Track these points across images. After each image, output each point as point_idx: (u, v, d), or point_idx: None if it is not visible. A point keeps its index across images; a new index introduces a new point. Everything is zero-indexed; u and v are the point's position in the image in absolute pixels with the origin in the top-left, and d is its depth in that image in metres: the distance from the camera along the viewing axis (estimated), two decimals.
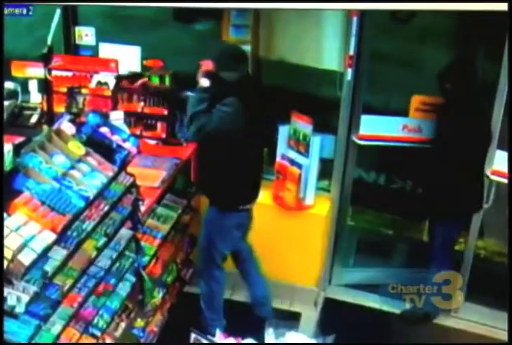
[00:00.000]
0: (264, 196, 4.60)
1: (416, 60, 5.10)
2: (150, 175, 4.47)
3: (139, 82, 4.35)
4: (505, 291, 3.92)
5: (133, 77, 4.75)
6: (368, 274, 5.15)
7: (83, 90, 4.86)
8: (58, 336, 3.31)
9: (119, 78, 4.77)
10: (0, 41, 3.35)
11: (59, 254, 3.24)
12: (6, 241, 2.96)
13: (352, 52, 4.45)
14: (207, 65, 3.95)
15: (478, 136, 4.43)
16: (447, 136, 4.49)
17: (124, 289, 3.96)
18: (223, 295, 4.53)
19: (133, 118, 4.92)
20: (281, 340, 3.25)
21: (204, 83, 3.96)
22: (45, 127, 4.05)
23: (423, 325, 4.80)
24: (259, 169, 4.34)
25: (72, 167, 3.51)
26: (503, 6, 3.40)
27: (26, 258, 2.99)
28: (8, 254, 2.93)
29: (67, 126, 3.69)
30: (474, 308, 4.87)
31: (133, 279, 4.06)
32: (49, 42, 3.81)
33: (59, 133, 3.61)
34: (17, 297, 2.98)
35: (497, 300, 4.68)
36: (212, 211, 4.27)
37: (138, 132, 4.88)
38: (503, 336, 4.15)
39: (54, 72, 4.27)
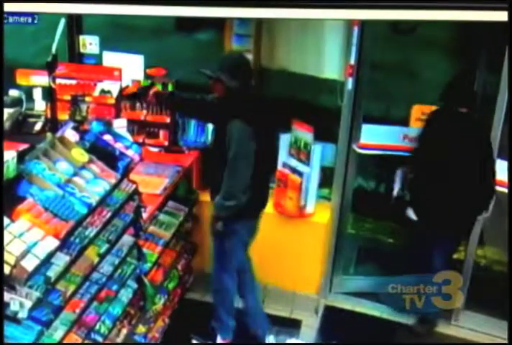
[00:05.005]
0: None
1: (417, 70, 5.13)
2: (152, 182, 4.50)
3: (151, 92, 4.37)
4: (505, 299, 3.93)
5: (143, 89, 4.61)
6: (368, 282, 5.15)
7: (87, 98, 4.90)
8: (60, 342, 3.33)
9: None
10: (0, 43, 3.38)
11: (62, 260, 3.26)
12: (9, 247, 2.99)
13: (352, 61, 4.48)
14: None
15: (473, 146, 4.44)
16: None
17: (125, 295, 3.99)
18: (235, 292, 4.42)
19: (136, 126, 4.96)
20: None
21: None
22: (49, 134, 4.07)
23: (424, 332, 4.81)
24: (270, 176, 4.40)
25: (76, 174, 3.54)
26: (503, 16, 3.41)
27: (29, 264, 3.01)
28: (11, 259, 2.95)
29: (70, 134, 3.72)
30: (474, 317, 4.86)
31: (135, 285, 4.08)
32: (53, 50, 3.83)
33: (62, 140, 3.64)
34: (20, 302, 3.00)
35: (497, 308, 4.68)
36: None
37: (141, 140, 4.91)
38: None
39: (58, 81, 4.30)
